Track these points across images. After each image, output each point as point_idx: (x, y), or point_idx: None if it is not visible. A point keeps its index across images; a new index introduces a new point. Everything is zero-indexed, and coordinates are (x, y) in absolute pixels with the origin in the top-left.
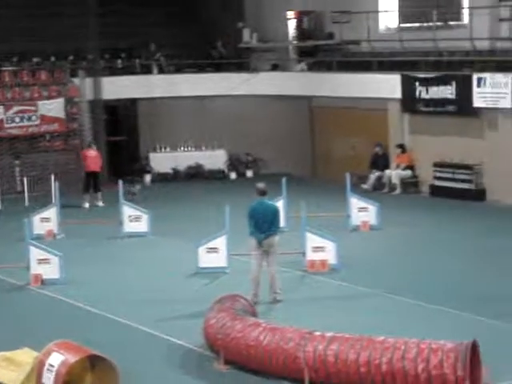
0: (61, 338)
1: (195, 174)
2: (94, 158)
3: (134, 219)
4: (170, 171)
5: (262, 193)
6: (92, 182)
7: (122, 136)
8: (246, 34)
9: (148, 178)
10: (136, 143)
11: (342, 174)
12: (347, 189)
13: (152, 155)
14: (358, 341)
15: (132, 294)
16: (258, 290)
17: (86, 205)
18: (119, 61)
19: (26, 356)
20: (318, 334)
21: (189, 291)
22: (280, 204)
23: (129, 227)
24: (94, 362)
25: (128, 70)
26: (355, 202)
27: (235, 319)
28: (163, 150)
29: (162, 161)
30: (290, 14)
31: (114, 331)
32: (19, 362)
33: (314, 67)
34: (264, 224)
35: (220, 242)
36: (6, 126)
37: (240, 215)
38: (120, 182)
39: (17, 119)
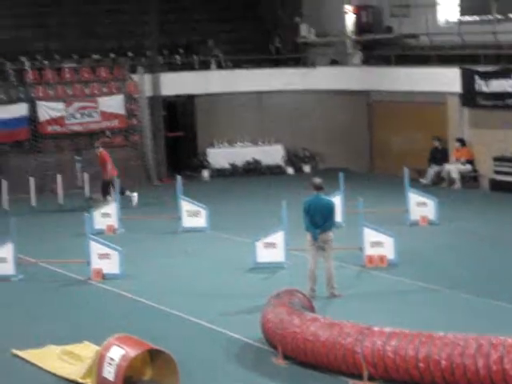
0: (121, 331)
1: (252, 170)
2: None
3: (193, 214)
4: (228, 166)
5: (318, 188)
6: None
7: (181, 132)
8: (303, 28)
9: (206, 173)
10: (194, 139)
11: (400, 169)
12: (405, 183)
13: (210, 151)
14: (416, 336)
15: (190, 289)
16: (314, 285)
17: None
18: (178, 57)
19: (86, 350)
20: (376, 329)
21: (246, 286)
22: (337, 199)
23: (187, 222)
24: (153, 356)
25: (187, 66)
26: (414, 197)
27: (293, 314)
28: (221, 145)
29: (219, 156)
30: (348, 8)
31: (173, 325)
32: (80, 356)
33: (372, 61)
34: (319, 219)
35: (278, 237)
36: (67, 122)
37: (297, 210)
38: (178, 177)
39: (77, 116)
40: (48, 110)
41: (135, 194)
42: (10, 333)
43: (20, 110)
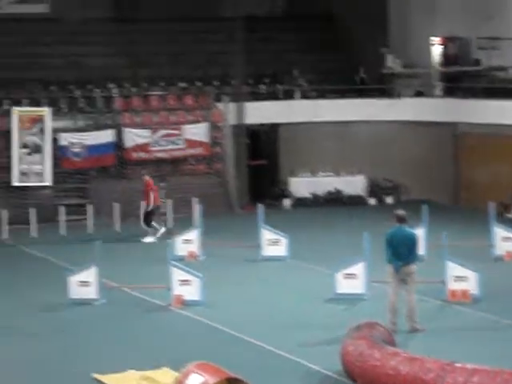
0: (200, 359)
1: (334, 200)
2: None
3: (273, 243)
4: (309, 196)
5: (402, 220)
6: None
7: (263, 160)
8: (389, 59)
9: (287, 202)
10: (276, 167)
11: (485, 202)
12: (491, 217)
13: (291, 180)
14: (499, 374)
15: (270, 318)
16: (395, 318)
17: (153, 238)
18: (263, 86)
19: (165, 376)
20: (458, 365)
21: (326, 316)
22: (420, 231)
23: (267, 251)
24: None
25: (271, 95)
26: (499, 232)
27: (373, 347)
28: (303, 174)
29: (301, 185)
30: (435, 39)
31: (251, 354)
32: (159, 382)
33: (459, 93)
34: (402, 252)
35: (358, 269)
36: (153, 149)
37: (379, 242)
38: (259, 206)
39: (162, 143)
40: (134, 136)
41: (163, 230)
42: (91, 356)
43: (107, 136)
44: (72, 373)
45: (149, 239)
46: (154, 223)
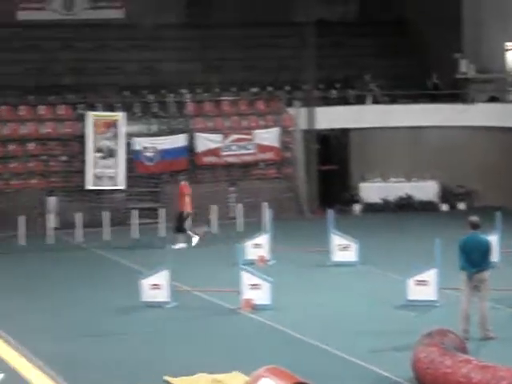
0: (270, 363)
1: (405, 205)
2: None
3: (343, 248)
4: (380, 201)
5: (475, 226)
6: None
7: (333, 165)
8: (463, 64)
9: (357, 207)
10: (346, 172)
11: None
12: None
13: (362, 185)
14: None
15: (340, 323)
16: (467, 325)
17: (182, 245)
18: (334, 91)
19: (236, 380)
20: None
21: (397, 323)
22: (493, 238)
23: (337, 256)
24: None
25: (342, 100)
26: None
27: (445, 354)
28: (373, 180)
29: (371, 191)
30: (509, 44)
31: (321, 359)
32: None
33: None
34: (475, 258)
35: (430, 275)
36: (224, 153)
37: (451, 249)
38: (329, 211)
39: (234, 147)
40: (206, 141)
41: (197, 237)
42: (163, 359)
43: (180, 140)
44: (144, 375)
45: (180, 245)
46: (189, 231)
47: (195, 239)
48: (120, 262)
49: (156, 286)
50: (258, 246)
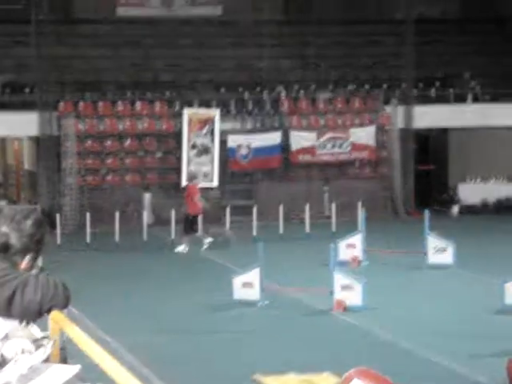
0: (361, 365)
1: (505, 207)
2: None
3: (439, 250)
4: (479, 203)
5: None
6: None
7: (431, 165)
8: None
9: (455, 208)
10: (445, 173)
11: None
12: None
13: (461, 186)
14: None
15: (434, 327)
16: None
17: (184, 248)
18: (433, 90)
19: (326, 381)
20: None
21: (493, 328)
22: None
23: (433, 258)
24: None
25: (441, 99)
26: None
27: None
28: (473, 181)
29: (471, 192)
30: None
31: (414, 363)
32: None
33: None
34: None
35: None
36: (318, 152)
37: None
38: (426, 212)
39: (328, 146)
40: (300, 139)
41: (208, 240)
42: (253, 358)
43: (274, 138)
44: (234, 372)
45: (181, 248)
46: (198, 233)
47: (207, 241)
48: (213, 259)
49: (248, 284)
50: (352, 247)
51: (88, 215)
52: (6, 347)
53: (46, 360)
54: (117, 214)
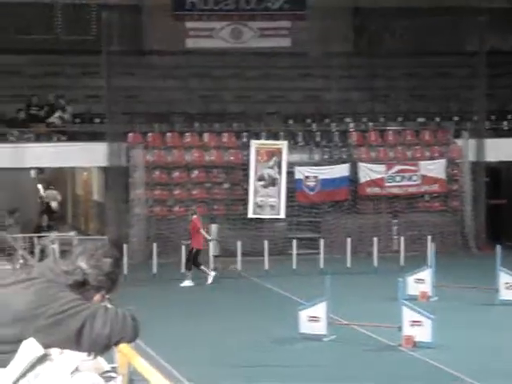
0: None
1: None
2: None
3: (511, 286)
4: None
5: None
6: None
7: (503, 199)
8: None
9: None
10: None
11: None
12: None
13: None
14: None
15: (504, 366)
16: None
17: (190, 283)
18: (505, 122)
19: None
20: None
21: None
22: None
23: (505, 295)
24: None
25: None
26: None
27: None
28: None
29: None
30: None
31: None
32: None
33: None
34: None
35: None
36: (387, 184)
37: None
38: (498, 247)
39: (397, 178)
40: (369, 171)
41: (213, 274)
42: None
43: (342, 170)
44: None
45: (186, 283)
46: (202, 267)
47: (211, 276)
48: (278, 291)
49: (314, 318)
50: (421, 281)
51: (155, 246)
52: (76, 381)
53: None
54: (183, 245)
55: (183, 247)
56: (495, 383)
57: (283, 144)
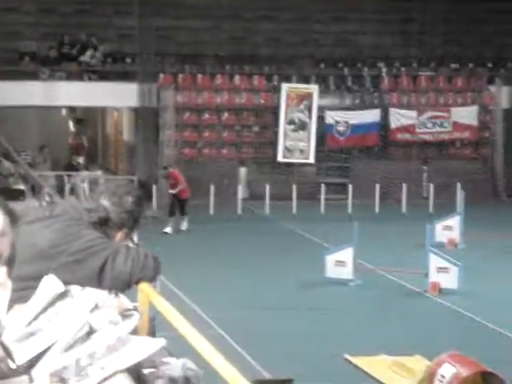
0: (454, 349)
1: None
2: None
3: None
4: None
5: None
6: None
7: None
8: None
9: None
10: None
11: None
12: None
13: None
14: None
15: None
16: None
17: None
18: None
19: (418, 363)
20: None
21: None
22: None
23: None
24: (486, 379)
25: None
26: None
27: None
28: None
29: None
30: None
31: (509, 349)
32: (411, 369)
33: None
34: None
35: None
36: (418, 130)
37: None
38: None
39: (429, 125)
40: (400, 117)
41: (185, 223)
42: (344, 337)
43: (372, 115)
44: (324, 352)
45: (167, 229)
46: (184, 216)
47: (169, 228)
48: (306, 236)
49: (341, 263)
50: (449, 229)
51: None
52: (94, 317)
53: (134, 332)
54: (212, 187)
55: (212, 189)
56: None
57: (314, 88)
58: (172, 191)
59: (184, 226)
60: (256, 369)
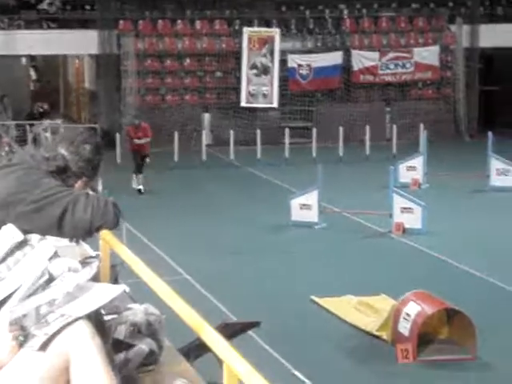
0: (418, 287)
1: None
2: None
3: (503, 172)
4: None
5: None
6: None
7: (496, 86)
8: None
9: None
10: (510, 93)
11: None
12: None
13: None
14: None
15: (494, 250)
16: None
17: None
18: (500, 8)
19: (383, 303)
20: None
21: None
22: None
23: (496, 181)
24: (451, 316)
25: (509, 18)
26: None
27: None
28: None
29: None
30: None
31: (472, 286)
32: (376, 308)
33: None
34: None
35: None
36: (380, 72)
37: None
38: (490, 134)
39: (391, 66)
40: (362, 59)
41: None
42: (310, 279)
43: (335, 58)
44: (290, 293)
45: (141, 186)
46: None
47: (139, 181)
48: (271, 180)
49: (306, 206)
50: (412, 169)
51: None
52: (53, 265)
53: (95, 279)
54: (176, 134)
55: (176, 136)
56: (485, 267)
57: (276, 31)
58: (138, 141)
59: (141, 185)
60: (223, 312)
